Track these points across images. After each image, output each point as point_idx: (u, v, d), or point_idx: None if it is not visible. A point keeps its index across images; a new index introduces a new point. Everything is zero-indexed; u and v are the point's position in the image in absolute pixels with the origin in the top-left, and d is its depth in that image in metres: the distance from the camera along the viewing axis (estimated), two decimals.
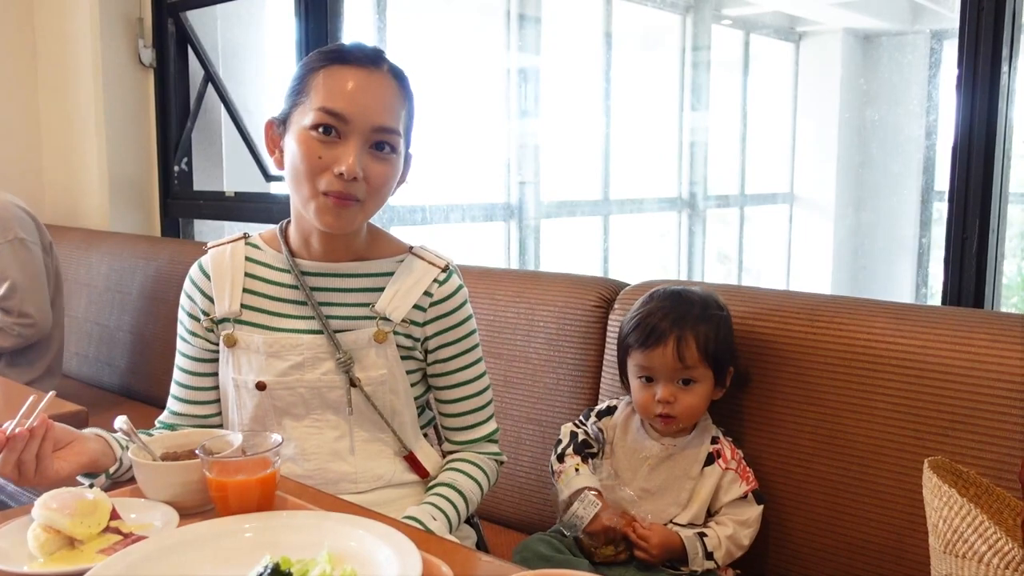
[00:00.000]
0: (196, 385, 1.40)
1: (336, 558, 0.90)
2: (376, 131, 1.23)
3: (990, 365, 1.28)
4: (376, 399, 1.32)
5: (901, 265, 6.38)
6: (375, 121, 1.22)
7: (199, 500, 1.08)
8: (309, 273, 1.33)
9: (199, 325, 1.38)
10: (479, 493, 1.37)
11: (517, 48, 4.97)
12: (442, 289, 1.34)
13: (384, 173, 1.25)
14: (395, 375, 1.33)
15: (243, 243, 1.40)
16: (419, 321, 1.33)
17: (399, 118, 1.26)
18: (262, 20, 3.22)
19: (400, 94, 1.27)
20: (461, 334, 1.36)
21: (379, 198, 1.27)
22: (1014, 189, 1.62)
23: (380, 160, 1.24)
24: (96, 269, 2.81)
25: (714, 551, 1.39)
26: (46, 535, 0.97)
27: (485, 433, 1.41)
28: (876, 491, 1.37)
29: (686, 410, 1.41)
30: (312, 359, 1.31)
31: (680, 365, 1.40)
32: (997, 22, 1.49)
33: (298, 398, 1.32)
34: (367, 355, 1.31)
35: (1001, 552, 0.99)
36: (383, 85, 1.25)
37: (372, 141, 1.23)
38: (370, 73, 1.24)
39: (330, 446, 1.33)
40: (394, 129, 1.24)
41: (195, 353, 1.39)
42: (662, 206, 6.30)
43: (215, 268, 1.37)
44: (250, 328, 1.33)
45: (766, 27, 6.80)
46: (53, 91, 3.25)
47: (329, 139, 1.22)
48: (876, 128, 6.41)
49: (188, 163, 3.16)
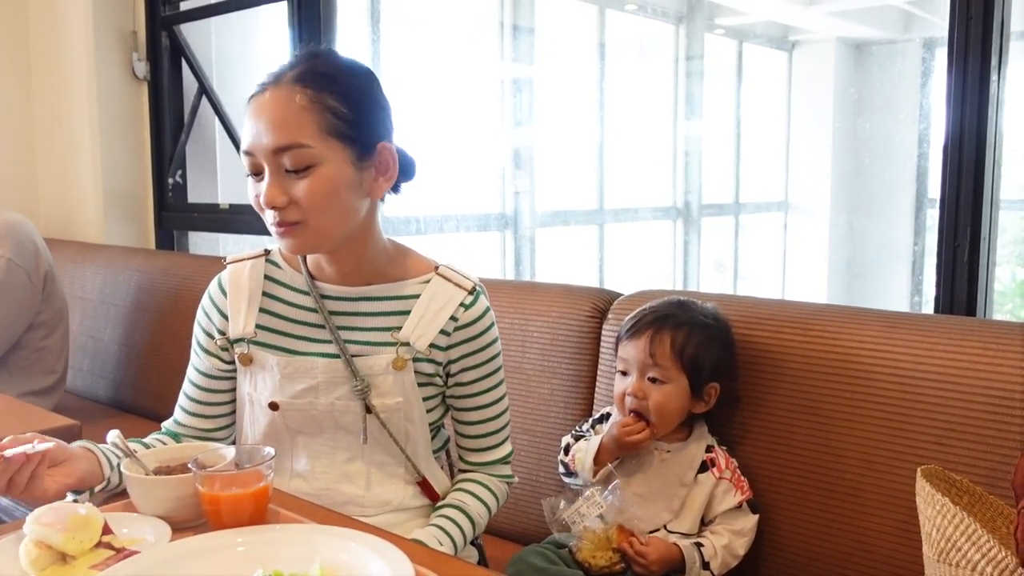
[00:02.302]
0: (203, 400, 1.37)
1: (329, 571, 0.90)
2: (276, 154, 1.17)
3: (983, 373, 1.29)
4: (391, 425, 1.29)
5: (896, 272, 6.40)
6: (269, 145, 1.16)
7: (192, 514, 1.07)
8: (329, 297, 1.30)
9: (213, 343, 1.35)
10: (487, 516, 1.35)
11: (511, 58, 4.98)
12: (468, 313, 1.29)
13: (310, 191, 1.17)
14: (411, 402, 1.29)
15: (263, 260, 1.35)
16: (442, 346, 1.29)
17: (299, 128, 1.16)
18: (256, 32, 3.23)
19: (299, 101, 1.17)
20: (485, 358, 1.33)
21: (324, 213, 1.19)
22: (1005, 196, 1.63)
23: (300, 178, 1.17)
24: (90, 282, 2.80)
25: (710, 561, 1.39)
26: (38, 551, 0.96)
27: (500, 456, 1.39)
28: (869, 500, 1.37)
29: (655, 408, 1.41)
30: (326, 383, 1.28)
31: (650, 360, 1.41)
32: (985, 31, 1.50)
33: (311, 420, 1.29)
34: (384, 382, 1.27)
35: (995, 561, 0.99)
36: (277, 103, 1.17)
37: (279, 165, 1.17)
38: (262, 98, 1.19)
39: (341, 468, 1.30)
40: (291, 144, 1.16)
41: (206, 369, 1.37)
42: (657, 215, 6.32)
43: (232, 286, 1.34)
44: (264, 349, 1.30)
45: (759, 36, 6.84)
46: (47, 104, 3.25)
47: (258, 178, 1.20)
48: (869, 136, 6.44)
49: (183, 175, 3.16)
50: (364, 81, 1.24)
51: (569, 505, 1.42)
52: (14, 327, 2.36)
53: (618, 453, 1.45)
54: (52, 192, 3.31)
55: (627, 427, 1.42)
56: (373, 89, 1.25)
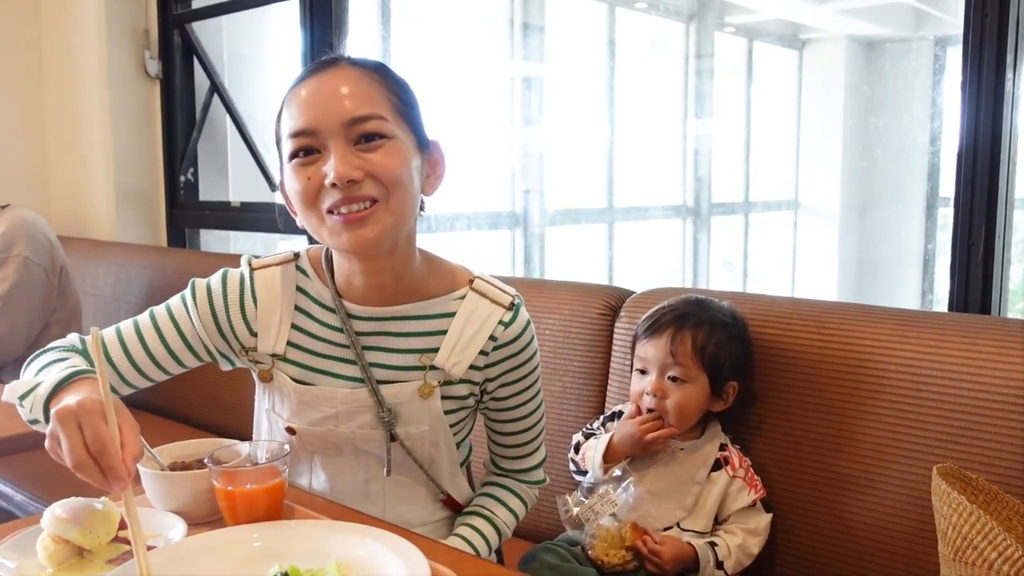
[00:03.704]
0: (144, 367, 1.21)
1: (345, 567, 0.90)
2: (352, 125, 1.08)
3: (997, 371, 1.28)
4: (415, 452, 1.22)
5: (907, 272, 6.37)
6: (345, 116, 1.08)
7: (207, 510, 1.08)
8: (357, 317, 1.20)
9: (224, 344, 1.22)
10: (515, 524, 1.33)
11: (521, 57, 4.98)
12: (508, 332, 1.21)
13: (388, 162, 1.09)
14: (437, 430, 1.22)
15: (294, 267, 1.23)
16: (480, 366, 1.21)
17: (376, 102, 1.10)
18: (267, 31, 3.24)
19: (371, 79, 1.12)
20: (524, 373, 1.26)
21: (401, 192, 1.10)
22: (1020, 195, 1.62)
23: (376, 150, 1.09)
24: (102, 279, 2.81)
25: (724, 560, 1.39)
26: (55, 545, 0.97)
27: (534, 463, 1.36)
28: (884, 498, 1.37)
29: (675, 408, 1.41)
30: (347, 413, 1.19)
31: (671, 360, 1.41)
32: (1001, 28, 1.49)
33: (330, 444, 1.22)
34: (409, 409, 1.19)
35: (1012, 559, 0.99)
36: (343, 79, 1.11)
37: (354, 137, 1.09)
38: (325, 75, 1.12)
39: (361, 488, 1.24)
40: (372, 115, 1.09)
41: (179, 350, 1.21)
42: (667, 213, 6.30)
43: (264, 299, 1.21)
44: (288, 365, 1.21)
45: (769, 34, 6.81)
46: (59, 102, 3.26)
47: (310, 159, 1.10)
48: (880, 135, 6.40)
49: (194, 173, 3.17)
50: (405, 80, 1.19)
51: (583, 502, 1.42)
52: (34, 325, 2.37)
53: (632, 452, 1.45)
54: (64, 190, 3.32)
55: (646, 424, 1.41)
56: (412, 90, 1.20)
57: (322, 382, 1.21)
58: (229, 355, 1.26)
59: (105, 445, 0.89)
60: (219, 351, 1.24)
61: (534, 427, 1.33)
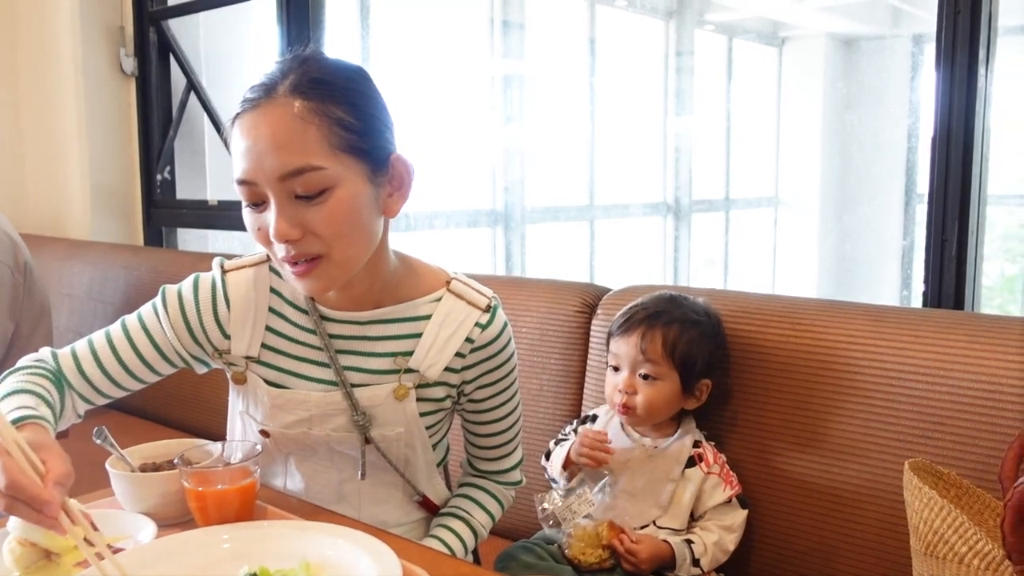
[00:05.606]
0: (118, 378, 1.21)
1: (315, 567, 0.89)
2: (283, 180, 1.02)
3: (970, 367, 1.29)
4: (390, 454, 1.22)
5: (886, 267, 6.42)
6: (274, 171, 1.02)
7: (178, 511, 1.07)
8: (332, 320, 1.19)
9: (198, 349, 1.21)
10: (491, 525, 1.33)
11: (501, 54, 4.98)
12: (485, 334, 1.20)
13: (328, 219, 1.04)
14: (412, 432, 1.21)
15: (267, 268, 1.21)
16: (456, 367, 1.21)
17: (310, 148, 1.02)
18: (245, 28, 3.21)
19: (305, 117, 1.03)
20: (501, 375, 1.25)
21: (345, 243, 1.06)
22: (993, 191, 1.63)
23: (314, 205, 1.03)
24: (78, 279, 2.79)
25: (700, 557, 1.39)
26: (22, 548, 0.96)
27: (510, 465, 1.36)
28: (857, 493, 1.37)
29: (645, 403, 1.41)
30: (321, 416, 1.19)
31: (642, 357, 1.41)
32: (973, 25, 1.50)
33: (304, 446, 1.22)
34: (383, 412, 1.19)
35: (981, 553, 1.00)
36: (274, 120, 1.03)
37: (291, 191, 1.03)
38: (259, 113, 1.04)
39: (337, 489, 1.24)
40: (304, 167, 1.02)
41: (152, 360, 1.20)
42: (647, 211, 6.32)
43: (237, 301, 1.19)
44: (263, 369, 1.20)
45: (749, 32, 6.84)
46: (34, 100, 3.22)
47: (259, 208, 1.06)
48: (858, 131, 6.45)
49: (171, 172, 3.14)
50: (364, 85, 1.10)
51: (560, 501, 1.42)
52: (5, 324, 2.34)
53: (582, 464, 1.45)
54: (39, 189, 3.29)
55: (587, 442, 1.42)
56: (374, 92, 1.11)
57: (296, 385, 1.20)
58: (204, 358, 1.24)
59: (14, 479, 0.87)
60: (193, 356, 1.23)
61: (510, 429, 1.33)
